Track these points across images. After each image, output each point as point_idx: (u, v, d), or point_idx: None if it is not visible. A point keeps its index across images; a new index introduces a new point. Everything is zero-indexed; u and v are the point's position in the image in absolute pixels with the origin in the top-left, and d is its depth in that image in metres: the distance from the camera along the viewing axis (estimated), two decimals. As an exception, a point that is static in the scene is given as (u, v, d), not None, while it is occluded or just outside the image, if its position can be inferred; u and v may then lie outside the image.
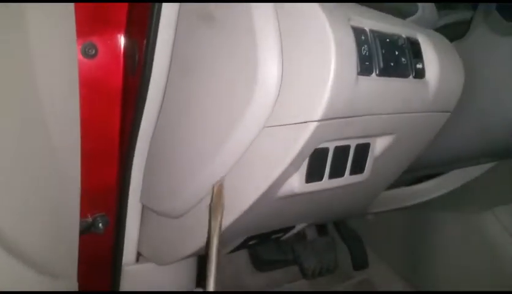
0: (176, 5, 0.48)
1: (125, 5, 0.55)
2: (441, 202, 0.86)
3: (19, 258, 0.42)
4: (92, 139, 0.57)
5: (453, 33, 0.55)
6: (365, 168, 0.51)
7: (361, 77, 0.40)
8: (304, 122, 0.38)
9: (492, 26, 0.51)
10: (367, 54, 0.40)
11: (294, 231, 0.68)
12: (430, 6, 0.51)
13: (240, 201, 0.46)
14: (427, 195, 0.80)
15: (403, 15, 0.50)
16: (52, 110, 0.44)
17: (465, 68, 0.52)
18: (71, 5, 0.49)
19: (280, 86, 0.40)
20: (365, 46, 0.40)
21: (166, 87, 0.52)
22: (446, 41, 0.52)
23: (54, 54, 0.48)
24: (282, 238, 0.70)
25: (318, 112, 0.37)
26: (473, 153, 0.61)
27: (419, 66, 0.47)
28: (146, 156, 0.57)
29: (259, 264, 1.15)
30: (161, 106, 0.53)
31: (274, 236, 0.66)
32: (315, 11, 0.37)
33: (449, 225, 0.97)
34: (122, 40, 0.57)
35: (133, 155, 0.56)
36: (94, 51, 0.56)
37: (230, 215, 0.48)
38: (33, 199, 0.44)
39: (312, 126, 0.38)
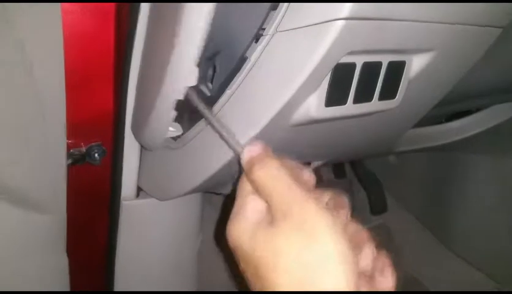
0: None
1: None
2: (470, 143, 0.78)
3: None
4: (83, 58, 0.50)
5: None
6: (398, 93, 0.44)
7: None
8: (327, 22, 0.30)
9: None
10: None
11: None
12: None
13: (249, 124, 0.40)
14: (460, 134, 0.72)
15: None
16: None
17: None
18: None
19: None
20: None
21: None
22: None
23: None
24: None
25: (345, 7, 0.29)
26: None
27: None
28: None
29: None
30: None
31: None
32: None
33: (477, 169, 0.90)
34: None
35: (128, 76, 0.49)
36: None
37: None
38: (15, 131, 0.39)
39: (337, 26, 0.30)
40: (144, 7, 0.44)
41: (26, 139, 0.45)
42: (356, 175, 1.14)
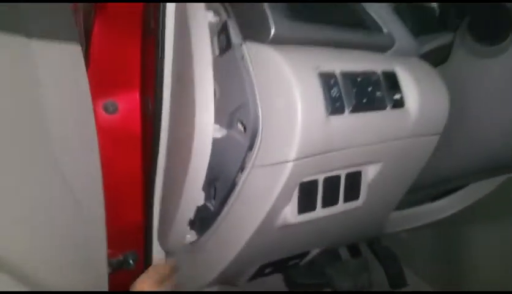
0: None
1: (138, 67, 0.64)
2: (469, 215, 0.86)
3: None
4: (117, 183, 0.65)
5: (438, 58, 0.58)
6: (360, 194, 0.55)
7: (332, 117, 0.44)
8: (282, 163, 0.43)
9: (468, 49, 0.53)
10: (337, 95, 0.45)
11: (310, 256, 0.71)
12: (407, 36, 0.55)
13: (241, 231, 0.52)
14: (445, 211, 0.81)
15: (382, 49, 0.54)
16: (71, 161, 0.51)
17: (452, 90, 0.55)
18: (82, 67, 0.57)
19: (261, 131, 0.45)
20: (335, 88, 0.45)
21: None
22: (428, 67, 0.56)
23: (70, 108, 0.55)
24: (300, 264, 0.74)
25: (292, 153, 0.42)
26: (475, 168, 0.63)
27: (397, 97, 0.51)
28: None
29: (294, 287, 1.18)
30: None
31: (290, 263, 0.70)
32: (280, 65, 0.42)
33: (481, 237, 0.96)
34: (137, 97, 0.65)
35: (153, 193, 0.63)
36: (114, 108, 0.64)
37: (235, 245, 0.53)
38: (61, 246, 0.51)
39: (290, 165, 0.43)
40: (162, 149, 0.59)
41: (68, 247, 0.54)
42: (372, 252, 1.20)
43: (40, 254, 0.45)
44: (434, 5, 0.64)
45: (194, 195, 0.55)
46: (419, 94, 0.52)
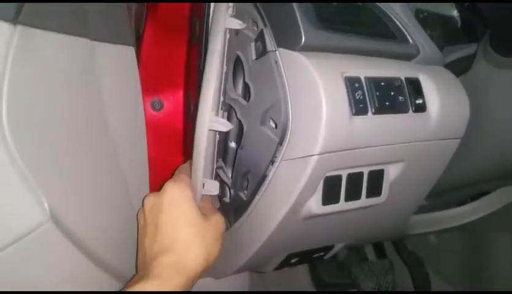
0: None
1: (182, 69, 0.71)
2: (497, 221, 0.88)
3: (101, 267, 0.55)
4: (160, 177, 0.71)
5: (461, 67, 0.61)
6: (382, 191, 0.59)
7: (356, 117, 0.49)
8: (308, 156, 0.48)
9: (489, 60, 0.57)
10: (361, 97, 0.50)
11: (334, 250, 0.76)
12: (431, 46, 0.59)
13: (270, 220, 0.57)
14: (471, 216, 0.83)
15: (407, 58, 0.58)
16: (123, 154, 0.58)
17: (473, 98, 0.58)
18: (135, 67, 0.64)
19: (291, 128, 0.50)
20: (359, 91, 0.50)
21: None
22: (450, 75, 0.59)
23: (124, 104, 0.62)
24: (325, 257, 0.78)
25: (317, 147, 0.47)
26: (494, 174, 0.65)
27: (419, 101, 0.55)
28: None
29: (321, 286, 1.22)
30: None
31: (315, 255, 0.75)
32: (309, 70, 0.47)
33: (508, 244, 0.97)
34: (181, 96, 0.72)
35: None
36: (160, 106, 0.71)
37: (264, 232, 0.58)
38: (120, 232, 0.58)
39: (314, 158, 0.48)
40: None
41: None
42: (398, 254, 1.23)
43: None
44: (456, 15, 0.68)
45: (197, 185, 0.60)
46: (441, 99, 0.55)
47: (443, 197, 0.75)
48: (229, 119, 0.64)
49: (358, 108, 0.49)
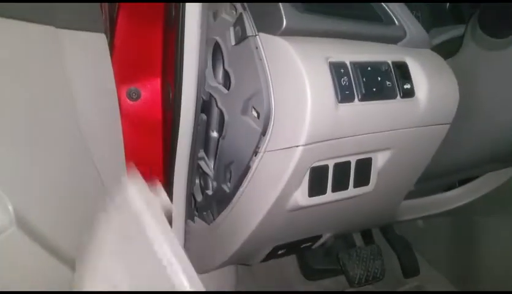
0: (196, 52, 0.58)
1: (159, 55, 0.67)
2: (483, 206, 0.87)
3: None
4: (138, 167, 0.68)
5: (449, 50, 0.59)
6: (370, 180, 0.57)
7: (342, 104, 0.47)
8: (293, 147, 0.46)
9: (478, 42, 0.54)
10: (346, 84, 0.47)
11: (322, 240, 0.74)
12: (418, 28, 0.56)
13: (254, 213, 0.55)
14: (459, 201, 0.82)
15: (393, 41, 0.56)
16: (96, 146, 0.55)
17: (462, 81, 0.56)
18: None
19: (274, 117, 0.48)
20: (345, 77, 0.47)
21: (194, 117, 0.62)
22: (438, 58, 0.57)
23: (96, 94, 0.58)
24: (313, 247, 0.76)
25: (302, 138, 0.45)
26: (484, 159, 0.64)
27: (407, 86, 0.52)
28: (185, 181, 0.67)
29: (309, 273, 1.21)
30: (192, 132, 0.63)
31: (303, 246, 0.73)
32: (291, 55, 0.44)
33: (494, 228, 0.97)
34: (158, 84, 0.68)
35: (172, 178, 0.66)
36: (137, 95, 0.68)
37: (248, 225, 0.56)
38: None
39: (300, 149, 0.46)
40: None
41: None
42: (386, 239, 1.22)
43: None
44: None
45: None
46: (429, 84, 0.53)
47: (432, 182, 0.74)
48: (209, 107, 0.61)
49: (344, 95, 0.47)
